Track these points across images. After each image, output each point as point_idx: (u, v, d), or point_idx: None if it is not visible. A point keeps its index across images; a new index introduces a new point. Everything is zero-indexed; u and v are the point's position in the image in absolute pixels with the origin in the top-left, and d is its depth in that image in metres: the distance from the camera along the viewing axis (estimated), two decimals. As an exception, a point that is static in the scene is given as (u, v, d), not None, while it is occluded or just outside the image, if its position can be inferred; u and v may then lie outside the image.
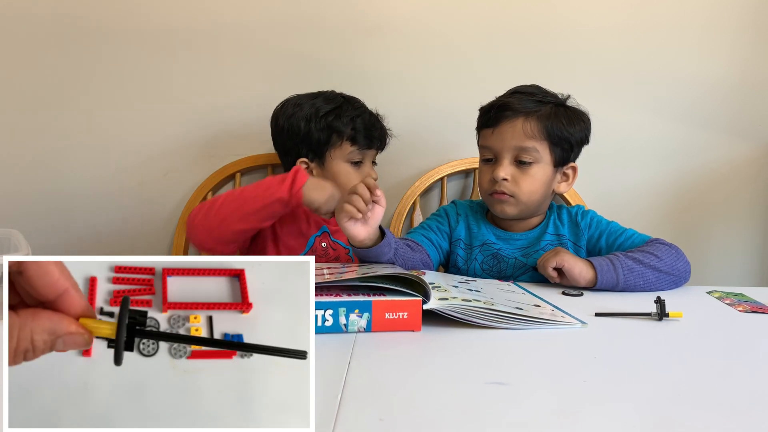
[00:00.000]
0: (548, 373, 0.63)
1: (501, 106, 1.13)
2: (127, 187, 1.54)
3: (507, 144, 1.12)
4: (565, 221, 1.20)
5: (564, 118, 1.13)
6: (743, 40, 1.51)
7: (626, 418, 0.53)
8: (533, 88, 1.16)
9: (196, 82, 1.51)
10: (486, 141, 1.15)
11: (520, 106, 1.11)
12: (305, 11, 1.50)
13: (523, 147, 1.11)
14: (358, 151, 1.28)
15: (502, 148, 1.12)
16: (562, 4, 1.50)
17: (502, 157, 1.13)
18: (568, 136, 1.13)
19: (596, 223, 1.19)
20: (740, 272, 1.59)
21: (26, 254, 0.80)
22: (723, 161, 1.55)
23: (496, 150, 1.13)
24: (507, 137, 1.11)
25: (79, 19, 1.50)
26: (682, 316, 0.86)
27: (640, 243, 1.13)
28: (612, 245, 1.15)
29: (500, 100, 1.15)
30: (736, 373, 0.65)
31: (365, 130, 1.27)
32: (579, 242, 1.18)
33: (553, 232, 1.19)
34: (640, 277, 1.03)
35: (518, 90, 1.16)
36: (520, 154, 1.12)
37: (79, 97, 1.52)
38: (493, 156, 1.14)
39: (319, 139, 1.26)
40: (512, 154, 1.12)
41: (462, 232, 1.22)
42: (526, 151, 1.11)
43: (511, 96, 1.15)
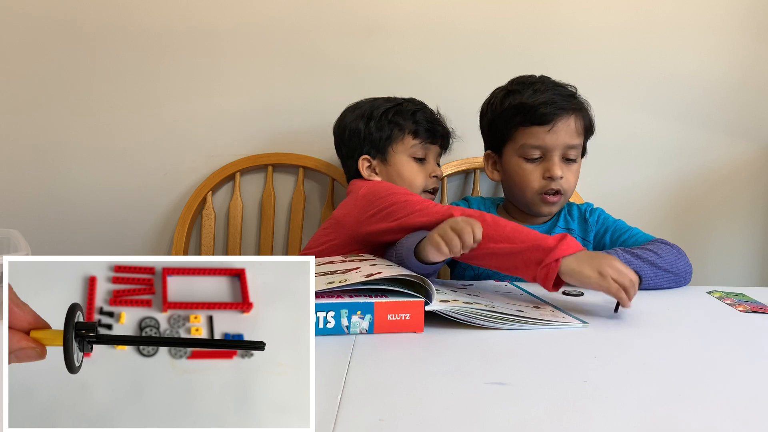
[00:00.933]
0: (548, 373, 0.63)
1: (555, 103, 1.11)
2: (127, 187, 1.54)
3: (560, 142, 1.11)
4: (575, 216, 1.22)
5: (586, 107, 1.16)
6: (744, 41, 1.51)
7: (626, 418, 0.53)
8: (550, 80, 1.16)
9: (197, 82, 1.51)
10: (537, 139, 1.12)
11: (571, 103, 1.12)
12: (305, 11, 1.50)
13: (572, 145, 1.12)
14: (421, 145, 1.26)
15: (555, 146, 1.11)
16: (563, 4, 1.50)
17: (553, 155, 1.12)
18: (593, 126, 1.17)
19: (603, 219, 1.21)
20: (741, 272, 1.59)
21: (26, 254, 0.80)
22: (723, 161, 1.55)
23: (549, 148, 1.12)
24: (561, 135, 1.11)
25: (80, 19, 1.50)
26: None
27: (644, 242, 1.14)
28: (616, 241, 1.17)
29: (550, 96, 1.11)
30: (737, 373, 0.65)
31: (427, 123, 1.26)
32: (587, 237, 1.20)
33: (564, 226, 1.21)
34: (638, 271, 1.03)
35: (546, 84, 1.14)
36: (568, 152, 1.13)
37: (79, 97, 1.52)
38: (542, 155, 1.13)
39: (381, 135, 1.25)
40: (562, 151, 1.12)
41: None
42: (575, 148, 1.13)
43: (554, 90, 1.13)
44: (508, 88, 1.17)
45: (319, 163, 1.50)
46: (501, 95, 1.18)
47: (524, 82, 1.15)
